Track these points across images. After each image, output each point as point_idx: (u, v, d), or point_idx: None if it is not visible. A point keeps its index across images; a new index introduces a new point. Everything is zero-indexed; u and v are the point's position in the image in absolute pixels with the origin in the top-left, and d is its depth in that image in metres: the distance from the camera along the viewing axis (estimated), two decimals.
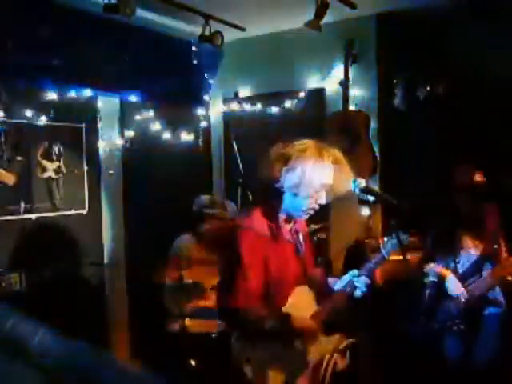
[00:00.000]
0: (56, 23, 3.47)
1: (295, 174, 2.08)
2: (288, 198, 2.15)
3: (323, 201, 2.16)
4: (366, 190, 2.20)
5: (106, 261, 4.18)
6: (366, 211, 4.15)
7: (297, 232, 2.29)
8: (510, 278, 3.02)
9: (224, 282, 2.18)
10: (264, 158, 2.19)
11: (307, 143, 2.14)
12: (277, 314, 2.09)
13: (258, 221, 2.16)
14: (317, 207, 2.18)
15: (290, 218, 2.23)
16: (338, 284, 2.28)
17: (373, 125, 4.13)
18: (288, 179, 2.10)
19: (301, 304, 2.19)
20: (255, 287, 2.08)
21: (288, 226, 2.24)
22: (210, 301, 3.45)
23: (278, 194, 2.14)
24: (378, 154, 4.11)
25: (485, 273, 3.05)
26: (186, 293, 3.31)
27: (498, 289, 3.09)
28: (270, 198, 2.18)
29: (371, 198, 3.70)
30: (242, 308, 2.05)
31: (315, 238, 3.84)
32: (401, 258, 2.30)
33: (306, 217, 2.25)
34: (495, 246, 3.14)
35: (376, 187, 3.91)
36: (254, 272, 2.08)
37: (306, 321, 2.16)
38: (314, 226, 3.76)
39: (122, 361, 0.73)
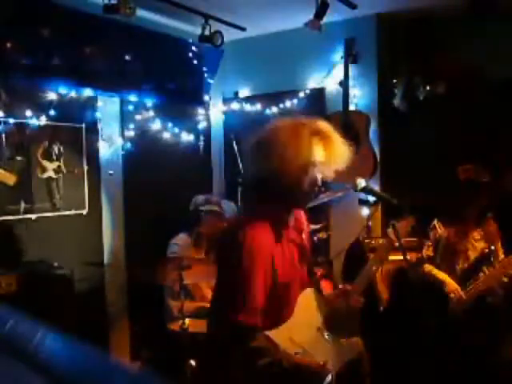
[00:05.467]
0: (56, 23, 3.46)
1: (273, 162, 1.83)
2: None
3: (328, 175, 1.97)
4: (366, 190, 2.20)
5: (105, 261, 4.17)
6: (365, 211, 4.14)
7: (300, 230, 2.12)
8: (505, 280, 3.03)
9: (223, 292, 1.93)
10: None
11: (279, 122, 1.93)
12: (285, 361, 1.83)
13: (261, 221, 1.91)
14: (319, 184, 1.96)
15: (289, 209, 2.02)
16: None
17: (373, 125, 4.13)
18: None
19: (309, 308, 2.08)
20: (258, 300, 1.84)
21: (291, 222, 2.05)
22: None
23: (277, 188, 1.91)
24: (378, 154, 4.11)
25: (482, 274, 3.06)
26: (185, 293, 3.31)
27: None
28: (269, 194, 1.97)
29: (371, 198, 3.70)
30: (244, 325, 1.80)
31: (315, 238, 3.84)
32: (401, 257, 2.30)
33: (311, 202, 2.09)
34: (492, 247, 3.14)
35: (376, 187, 3.91)
36: (258, 280, 1.84)
37: (314, 364, 1.91)
38: (314, 226, 3.75)
39: (124, 363, 0.73)
